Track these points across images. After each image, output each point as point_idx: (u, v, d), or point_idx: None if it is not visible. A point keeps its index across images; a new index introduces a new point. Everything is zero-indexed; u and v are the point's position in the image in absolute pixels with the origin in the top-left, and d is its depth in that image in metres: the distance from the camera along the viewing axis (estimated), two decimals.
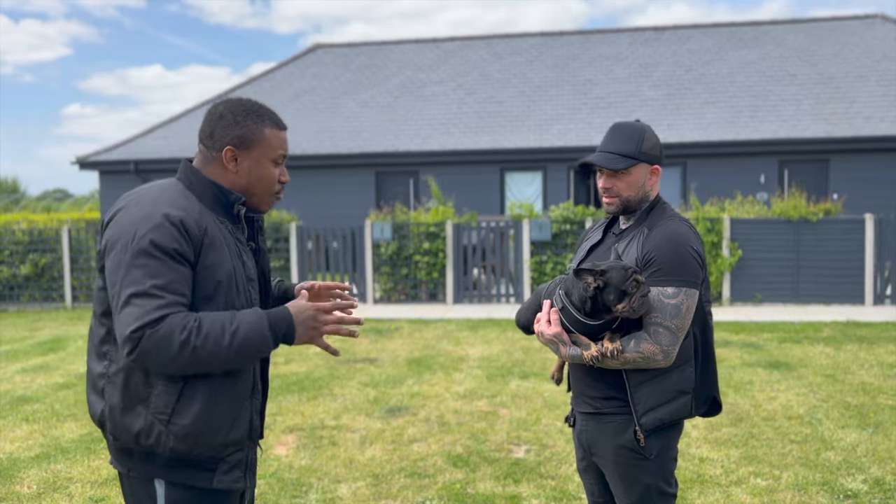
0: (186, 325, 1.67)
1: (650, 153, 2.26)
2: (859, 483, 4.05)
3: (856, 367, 6.89)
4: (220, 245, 1.79)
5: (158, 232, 1.70)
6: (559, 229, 11.62)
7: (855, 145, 15.39)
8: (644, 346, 2.09)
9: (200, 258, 1.75)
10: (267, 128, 1.87)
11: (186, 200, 1.80)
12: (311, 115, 19.18)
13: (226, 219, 1.86)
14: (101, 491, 4.15)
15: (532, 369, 7.06)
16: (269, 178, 1.89)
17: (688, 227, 2.23)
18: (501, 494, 3.98)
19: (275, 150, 1.88)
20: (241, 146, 1.85)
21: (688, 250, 2.14)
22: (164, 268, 1.69)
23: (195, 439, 1.75)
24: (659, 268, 2.12)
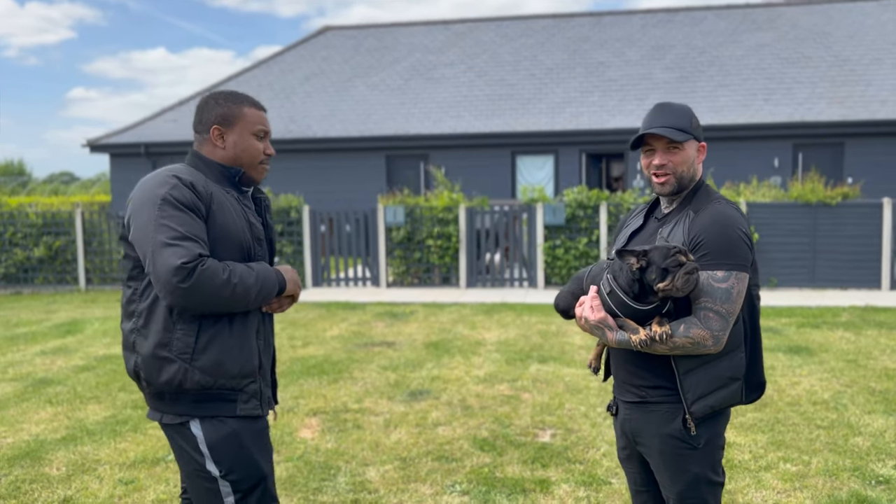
0: (224, 266, 2.00)
1: (698, 130, 2.23)
2: (890, 469, 4.03)
3: (877, 352, 6.86)
4: (227, 209, 2.11)
5: (175, 190, 2.01)
6: (573, 213, 11.57)
7: (870, 129, 15.26)
8: (694, 332, 2.04)
9: (210, 218, 2.05)
10: (245, 106, 2.19)
11: (193, 173, 2.13)
12: (320, 99, 19.09)
13: (231, 189, 2.19)
14: (129, 473, 4.16)
15: (551, 353, 7.04)
16: (253, 150, 2.20)
17: (735, 210, 2.17)
18: (530, 479, 3.98)
19: (254, 124, 2.19)
20: (224, 124, 2.17)
21: (737, 233, 2.09)
22: (188, 218, 1.99)
23: (216, 371, 2.06)
24: (707, 251, 2.07)
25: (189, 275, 1.91)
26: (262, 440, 2.19)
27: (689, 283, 2.00)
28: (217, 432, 2.08)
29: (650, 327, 2.09)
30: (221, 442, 2.08)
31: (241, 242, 2.12)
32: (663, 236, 2.17)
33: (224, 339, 2.08)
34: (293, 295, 2.26)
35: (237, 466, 2.10)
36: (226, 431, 2.08)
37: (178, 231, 1.95)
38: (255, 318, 2.19)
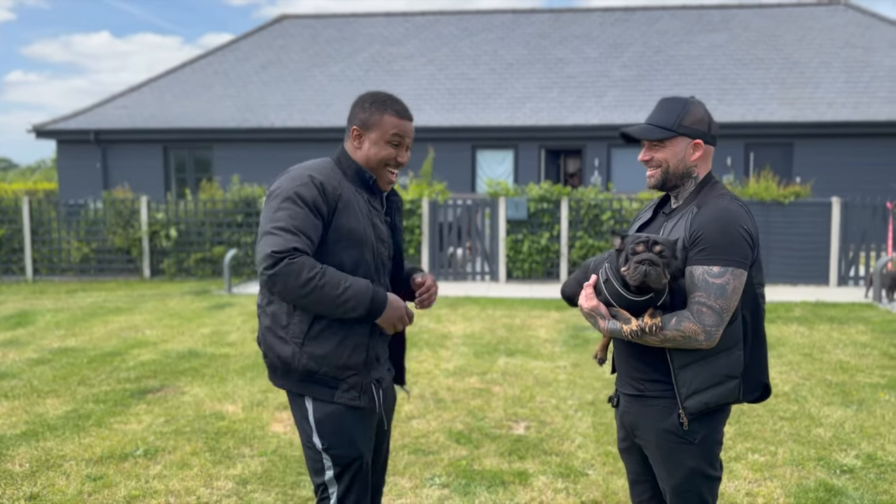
0: (315, 266, 2.13)
1: (692, 127, 2.20)
2: (852, 458, 4.17)
3: (830, 346, 7.09)
4: (353, 210, 2.24)
5: (304, 188, 2.18)
6: (536, 208, 11.66)
7: (818, 130, 15.75)
8: (686, 325, 2.05)
9: (334, 218, 2.21)
10: (387, 114, 2.29)
11: (331, 171, 2.28)
12: (278, 88, 18.81)
13: (363, 190, 2.32)
14: (97, 469, 4.04)
15: (517, 347, 7.09)
16: (382, 155, 2.30)
17: (739, 206, 2.16)
18: (508, 471, 4.00)
19: (389, 131, 2.28)
20: (363, 126, 2.30)
21: (737, 229, 2.08)
22: (304, 214, 2.15)
23: (321, 360, 2.23)
24: (705, 246, 2.07)
25: (275, 263, 2.09)
26: (362, 426, 2.33)
27: (637, 271, 2.01)
28: (322, 411, 2.27)
29: (642, 318, 2.11)
30: (325, 419, 2.27)
31: (363, 242, 2.26)
32: (667, 231, 2.20)
33: (334, 331, 2.23)
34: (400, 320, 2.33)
35: (337, 444, 2.28)
36: (329, 411, 2.26)
37: (285, 223, 2.13)
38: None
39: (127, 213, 12.64)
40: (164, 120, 17.90)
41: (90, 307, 9.63)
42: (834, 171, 15.34)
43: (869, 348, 6.98)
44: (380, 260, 2.32)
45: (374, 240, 2.29)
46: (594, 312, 2.19)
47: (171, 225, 12.60)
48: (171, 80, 19.69)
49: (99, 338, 7.59)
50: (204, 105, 18.44)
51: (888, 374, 6.02)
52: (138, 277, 12.81)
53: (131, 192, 13.39)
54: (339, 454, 2.29)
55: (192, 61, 20.49)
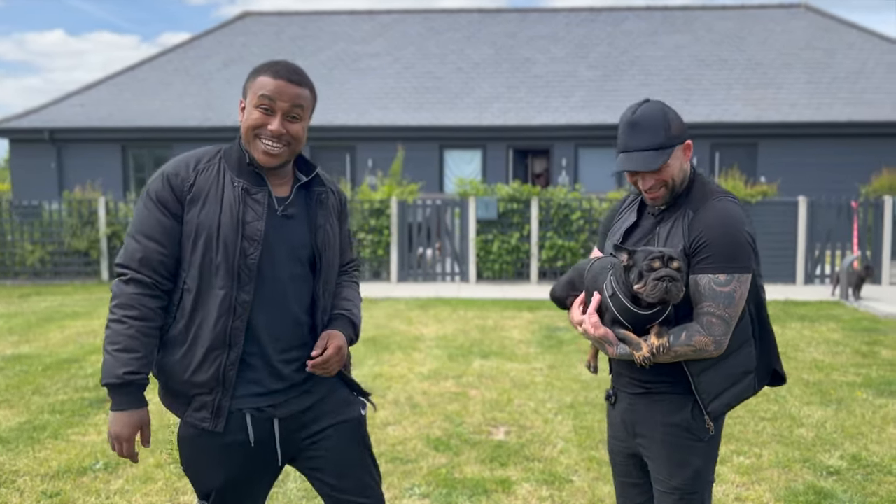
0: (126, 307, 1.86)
1: (680, 133, 2.04)
2: (837, 460, 4.11)
3: (804, 344, 7.10)
4: (209, 200, 1.90)
5: (154, 183, 1.92)
6: (506, 208, 11.55)
7: (782, 130, 15.95)
8: (696, 339, 1.96)
9: (185, 211, 1.90)
10: (261, 77, 1.91)
11: (196, 159, 1.95)
12: (240, 86, 18.28)
13: (244, 178, 1.94)
14: (54, 484, 3.78)
15: (491, 348, 6.96)
16: (250, 123, 1.91)
17: (736, 206, 2.05)
18: (490, 479, 3.85)
19: (257, 94, 1.90)
20: (245, 95, 1.94)
21: (741, 235, 1.97)
22: (147, 214, 1.89)
23: (166, 374, 1.96)
24: (710, 254, 1.96)
25: (116, 276, 1.92)
26: (222, 455, 1.98)
27: (657, 289, 1.91)
28: (183, 429, 2.01)
29: (648, 339, 2.00)
30: (183, 440, 2.02)
31: (212, 239, 1.89)
32: (663, 238, 2.08)
33: (177, 343, 1.94)
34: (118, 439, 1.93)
35: (189, 469, 2.05)
36: (186, 432, 2.00)
37: (133, 227, 1.92)
38: (220, 330, 1.91)
39: (86, 213, 12.21)
40: (122, 118, 17.40)
41: (45, 312, 9.24)
42: (797, 170, 15.54)
43: (841, 346, 7.00)
44: (243, 263, 1.90)
45: (235, 237, 1.89)
46: (603, 340, 2.07)
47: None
48: (129, 78, 19.17)
49: (55, 344, 7.26)
50: (164, 103, 17.98)
51: (863, 372, 6.02)
52: (97, 280, 12.38)
53: (98, 192, 12.92)
54: (192, 480, 2.05)
55: (152, 59, 19.98)
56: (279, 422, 2.00)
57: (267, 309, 1.96)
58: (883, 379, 5.77)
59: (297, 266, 2.00)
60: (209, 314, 1.90)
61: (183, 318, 1.92)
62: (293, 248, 1.99)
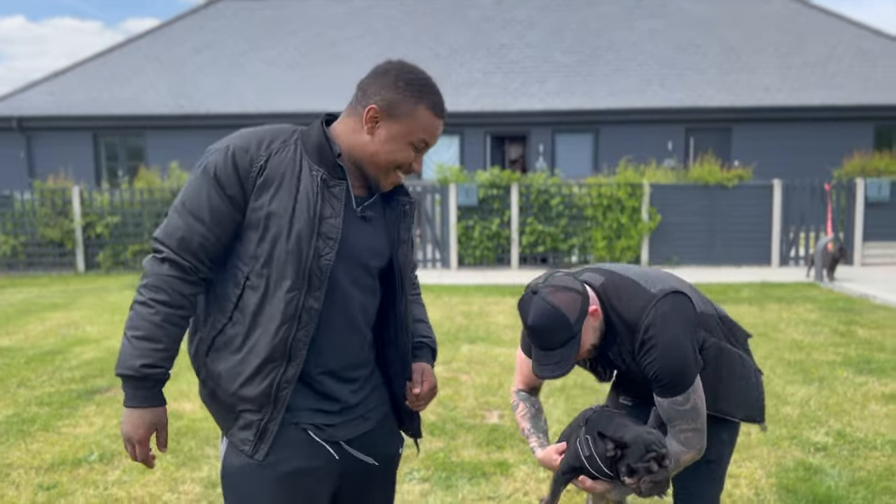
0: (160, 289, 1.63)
1: (580, 318, 1.93)
2: (823, 436, 4.23)
3: (783, 325, 7.25)
4: (285, 187, 1.64)
5: (215, 156, 1.65)
6: (486, 194, 11.58)
7: (755, 114, 16.15)
8: (683, 459, 2.02)
9: (253, 196, 1.64)
10: (423, 107, 1.67)
11: (270, 136, 1.69)
12: (213, 73, 18.18)
13: (323, 169, 1.68)
14: (49, 477, 3.75)
15: (478, 334, 7.00)
16: (396, 155, 1.69)
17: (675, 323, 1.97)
18: (488, 462, 3.90)
19: (418, 132, 1.68)
20: (387, 111, 1.66)
21: (685, 358, 1.96)
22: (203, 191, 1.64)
23: (214, 380, 1.73)
24: (662, 384, 1.97)
25: (151, 251, 1.67)
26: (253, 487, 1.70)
27: (654, 489, 1.93)
28: (229, 453, 1.74)
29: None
30: (226, 461, 1.75)
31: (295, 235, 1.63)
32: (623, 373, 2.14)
33: (233, 345, 1.69)
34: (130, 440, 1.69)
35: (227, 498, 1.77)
36: (229, 452, 1.74)
37: (181, 202, 1.66)
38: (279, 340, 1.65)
39: (59, 203, 12.00)
40: (92, 106, 17.08)
41: (23, 304, 9.09)
42: (771, 154, 15.76)
43: (819, 326, 7.16)
44: (315, 265, 1.65)
45: (311, 233, 1.64)
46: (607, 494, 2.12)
47: (106, 215, 12.03)
48: (98, 65, 18.80)
49: (36, 336, 7.15)
50: (135, 90, 17.67)
51: (842, 351, 6.17)
52: (72, 271, 12.19)
53: (71, 182, 12.69)
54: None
55: (121, 45, 19.62)
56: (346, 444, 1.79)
57: (333, 320, 1.71)
58: (861, 357, 5.93)
59: (367, 276, 1.77)
60: (272, 320, 1.64)
61: (243, 320, 1.67)
62: (367, 254, 1.75)
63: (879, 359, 5.86)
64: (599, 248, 11.59)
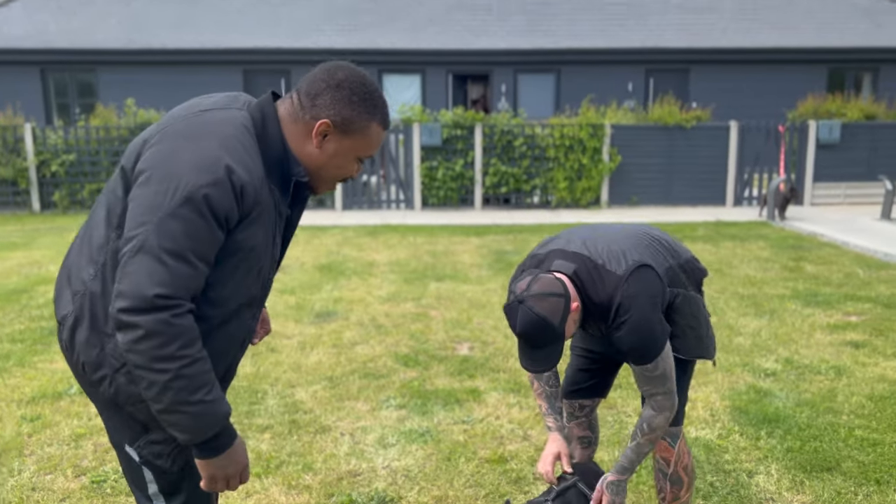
0: (195, 343, 1.44)
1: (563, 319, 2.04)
2: (773, 363, 4.52)
3: (736, 261, 7.56)
4: (263, 222, 1.56)
5: (217, 189, 1.44)
6: (449, 134, 11.59)
7: (713, 56, 16.31)
8: (655, 422, 2.18)
9: (241, 228, 1.51)
10: (375, 123, 1.63)
11: (252, 159, 1.52)
12: (168, 5, 17.54)
13: (276, 187, 1.60)
14: (32, 409, 3.82)
15: (445, 272, 7.16)
16: (345, 171, 1.67)
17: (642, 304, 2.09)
18: (461, 389, 4.08)
19: (368, 149, 1.66)
20: (339, 128, 1.60)
21: (651, 331, 2.10)
22: (206, 231, 1.45)
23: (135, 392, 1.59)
24: (635, 357, 2.12)
25: (151, 310, 1.40)
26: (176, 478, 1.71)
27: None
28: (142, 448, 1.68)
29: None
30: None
31: (254, 265, 1.59)
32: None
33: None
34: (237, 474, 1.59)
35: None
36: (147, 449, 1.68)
37: (182, 245, 1.42)
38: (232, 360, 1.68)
39: (11, 140, 11.63)
40: (39, 40, 16.37)
41: None
42: (729, 96, 16.01)
43: (770, 262, 7.49)
44: (265, 287, 1.67)
45: (269, 264, 1.64)
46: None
47: (61, 154, 11.72)
48: None
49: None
50: (84, 23, 16.98)
51: (790, 285, 6.49)
52: (27, 211, 11.93)
53: (21, 118, 12.27)
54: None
55: None
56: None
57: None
58: (809, 291, 6.26)
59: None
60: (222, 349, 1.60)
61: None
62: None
63: (825, 292, 6.20)
64: (561, 188, 11.77)
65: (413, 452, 3.34)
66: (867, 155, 12.13)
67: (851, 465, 3.16)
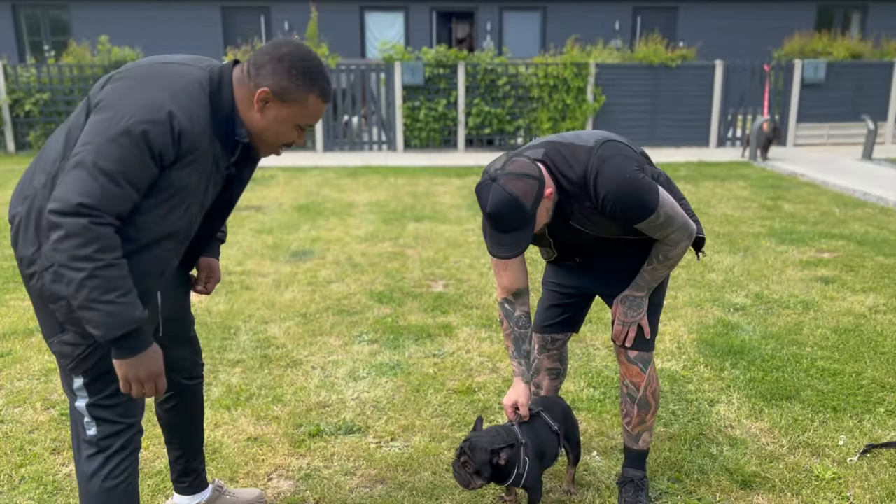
0: (114, 250, 1.60)
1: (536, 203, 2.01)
2: (743, 298, 4.57)
3: (715, 200, 7.58)
4: (197, 167, 1.74)
5: (157, 128, 1.62)
6: (432, 73, 11.41)
7: None
8: (674, 253, 2.17)
9: (176, 167, 1.69)
10: (313, 95, 1.79)
11: (197, 111, 1.70)
12: None
13: (219, 142, 1.79)
14: (2, 345, 3.82)
15: (424, 212, 7.14)
16: (284, 138, 1.85)
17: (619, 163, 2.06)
18: (433, 324, 4.12)
19: (306, 118, 1.82)
20: (278, 96, 1.76)
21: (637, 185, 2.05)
22: (140, 161, 1.62)
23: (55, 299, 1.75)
24: (633, 214, 2.08)
25: (73, 214, 1.55)
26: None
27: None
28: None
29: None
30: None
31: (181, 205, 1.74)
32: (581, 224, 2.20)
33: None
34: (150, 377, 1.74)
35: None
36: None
37: (113, 167, 1.58)
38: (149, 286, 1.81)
39: None
40: None
41: None
42: (716, 35, 15.81)
43: (749, 202, 7.51)
44: (190, 229, 1.83)
45: (198, 208, 1.82)
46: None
47: (35, 92, 11.47)
48: None
49: None
50: None
51: (767, 223, 6.53)
52: (2, 151, 11.74)
53: None
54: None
55: None
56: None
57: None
58: (785, 229, 6.30)
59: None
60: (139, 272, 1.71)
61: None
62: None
63: (800, 230, 6.24)
64: (545, 129, 11.67)
65: (383, 385, 3.38)
66: (852, 95, 12.07)
67: (811, 394, 3.23)
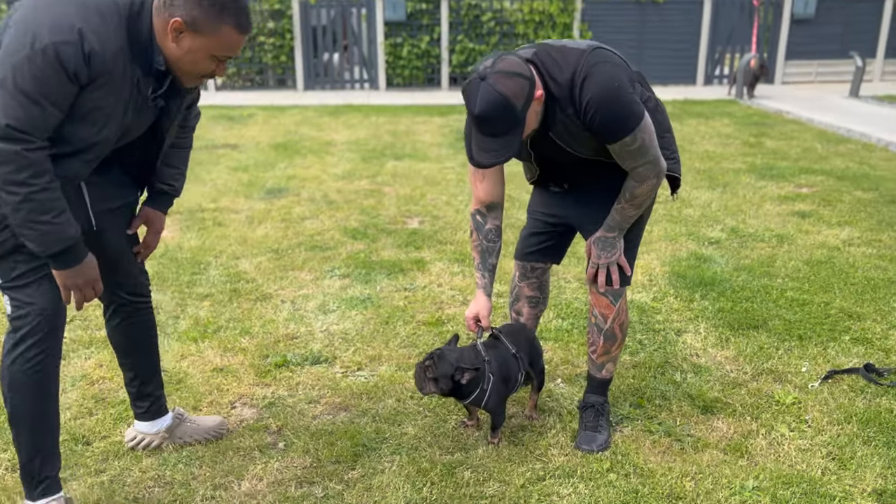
0: (45, 174, 1.67)
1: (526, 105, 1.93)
2: (718, 232, 4.56)
3: (698, 138, 7.52)
4: (114, 89, 1.75)
5: (68, 48, 1.62)
6: (414, 8, 11.14)
7: None
8: (639, 191, 2.12)
9: (89, 89, 1.70)
10: (227, 26, 1.76)
11: (110, 33, 1.69)
12: None
13: (139, 67, 1.78)
14: None
15: (404, 151, 7.05)
16: (200, 68, 1.83)
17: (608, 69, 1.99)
18: (406, 260, 4.10)
19: (222, 49, 1.79)
20: (191, 27, 1.75)
21: (620, 96, 1.99)
22: (56, 82, 1.63)
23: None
24: (611, 129, 2.01)
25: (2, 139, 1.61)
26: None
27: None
28: None
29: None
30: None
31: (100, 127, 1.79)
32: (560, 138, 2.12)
33: None
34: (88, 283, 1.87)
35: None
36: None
37: (33, 88, 1.61)
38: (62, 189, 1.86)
39: None
40: None
41: None
42: None
43: (732, 139, 7.46)
44: (105, 145, 1.85)
45: (117, 126, 1.83)
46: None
47: None
48: None
49: None
50: None
51: (748, 160, 6.49)
52: None
53: None
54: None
55: None
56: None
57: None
58: (765, 165, 6.26)
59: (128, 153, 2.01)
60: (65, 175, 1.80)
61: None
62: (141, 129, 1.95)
63: (781, 166, 6.21)
64: None
65: (352, 317, 3.37)
66: (841, 31, 11.89)
67: (778, 323, 3.25)
